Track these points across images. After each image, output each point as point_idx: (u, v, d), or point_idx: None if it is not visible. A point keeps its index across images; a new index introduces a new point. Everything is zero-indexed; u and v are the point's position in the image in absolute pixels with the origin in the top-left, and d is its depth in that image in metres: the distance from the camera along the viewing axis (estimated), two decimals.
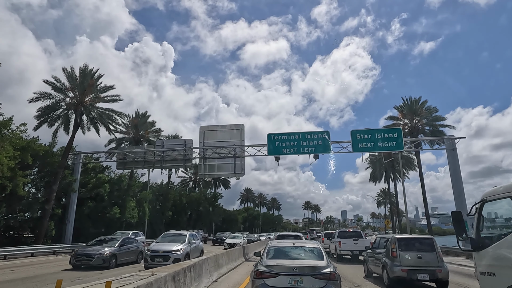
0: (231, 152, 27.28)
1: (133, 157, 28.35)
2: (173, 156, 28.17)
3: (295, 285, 6.36)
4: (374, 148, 24.87)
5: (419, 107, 34.66)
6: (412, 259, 10.03)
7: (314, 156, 24.88)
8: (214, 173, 28.30)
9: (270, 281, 6.40)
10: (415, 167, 46.62)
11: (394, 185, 47.97)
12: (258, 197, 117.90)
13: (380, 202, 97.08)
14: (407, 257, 10.09)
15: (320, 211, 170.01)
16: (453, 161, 25.39)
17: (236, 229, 75.54)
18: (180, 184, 62.18)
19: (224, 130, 28.03)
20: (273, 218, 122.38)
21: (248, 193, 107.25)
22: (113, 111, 27.91)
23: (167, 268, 7.26)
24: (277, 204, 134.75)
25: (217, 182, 69.92)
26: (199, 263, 9.02)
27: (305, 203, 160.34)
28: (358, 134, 25.10)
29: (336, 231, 24.68)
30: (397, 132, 24.96)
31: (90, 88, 26.33)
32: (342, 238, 20.53)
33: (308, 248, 7.69)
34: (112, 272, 13.01)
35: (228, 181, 73.17)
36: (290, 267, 6.53)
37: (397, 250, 10.33)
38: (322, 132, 25.51)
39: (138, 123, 39.63)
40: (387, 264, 10.56)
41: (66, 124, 26.39)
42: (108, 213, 30.77)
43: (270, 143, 25.80)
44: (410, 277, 9.77)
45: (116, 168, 29.41)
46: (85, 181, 30.16)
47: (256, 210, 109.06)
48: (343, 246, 20.16)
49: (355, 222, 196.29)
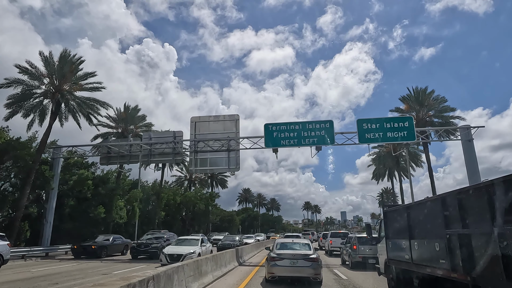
0: (225, 145, 24.85)
1: (118, 151, 25.84)
2: (161, 149, 25.71)
3: (293, 264, 10.20)
4: (382, 138, 22.41)
5: (426, 97, 32.23)
6: (365, 250, 15.11)
7: (317, 148, 22.41)
8: (206, 168, 25.76)
9: (279, 262, 10.26)
10: (421, 163, 44.29)
11: (399, 183, 45.51)
12: (257, 197, 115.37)
13: (381, 202, 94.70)
14: (362, 248, 15.21)
15: (320, 211, 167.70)
16: (470, 153, 22.94)
17: (234, 230, 73.10)
18: (175, 183, 59.63)
19: (217, 121, 25.57)
20: (273, 219, 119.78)
21: (247, 193, 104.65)
22: (96, 100, 25.45)
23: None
24: (277, 205, 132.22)
25: (213, 181, 67.35)
26: (166, 274, 6.56)
27: (305, 204, 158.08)
28: (365, 124, 22.65)
29: (329, 232, 30.02)
30: (408, 120, 22.53)
31: (69, 75, 23.86)
32: (333, 238, 25.13)
33: (301, 243, 11.66)
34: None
35: (226, 180, 70.65)
36: (291, 254, 10.45)
37: (357, 244, 15.50)
38: (325, 122, 23.06)
39: (128, 117, 37.24)
40: (350, 254, 15.89)
41: (42, 114, 23.92)
42: (91, 212, 28.25)
43: (267, 134, 23.35)
44: (364, 261, 14.84)
45: (100, 163, 26.93)
46: (66, 178, 27.66)
47: (255, 211, 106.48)
48: (333, 243, 24.52)
49: (355, 223, 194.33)
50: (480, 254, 4.65)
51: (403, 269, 7.85)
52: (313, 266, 10.14)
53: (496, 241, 4.18)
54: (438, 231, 5.76)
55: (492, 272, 4.35)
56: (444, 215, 5.60)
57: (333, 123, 22.99)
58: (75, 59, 24.57)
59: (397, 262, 8.19)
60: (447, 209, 5.56)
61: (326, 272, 14.22)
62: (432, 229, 6.12)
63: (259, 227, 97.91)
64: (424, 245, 6.49)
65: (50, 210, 25.22)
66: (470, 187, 5.20)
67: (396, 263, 8.32)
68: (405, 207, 7.86)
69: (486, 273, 4.50)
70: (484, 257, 4.52)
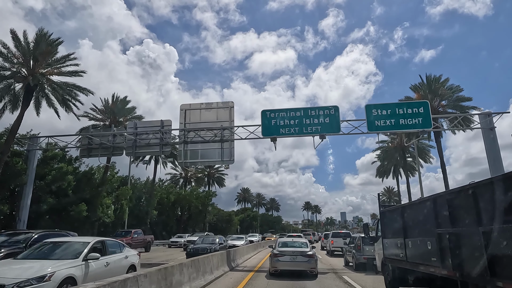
0: (218, 135, 22.33)
1: (100, 141, 23.30)
2: (148, 140, 23.18)
3: (293, 260, 12.15)
4: (394, 126, 19.84)
5: (440, 86, 29.71)
6: (370, 250, 13.59)
7: (321, 136, 19.85)
8: (197, 161, 23.14)
9: (281, 258, 12.24)
10: (429, 159, 41.80)
11: (406, 180, 42.96)
12: (256, 197, 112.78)
13: (384, 201, 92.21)
14: (367, 249, 14.04)
15: (320, 212, 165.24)
16: (492, 143, 20.38)
17: (232, 231, 70.64)
18: (170, 181, 57.07)
19: (209, 109, 23.03)
20: (272, 219, 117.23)
21: (246, 193, 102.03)
22: (76, 86, 22.93)
23: None
24: (276, 205, 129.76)
25: (210, 179, 64.78)
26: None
27: (305, 204, 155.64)
28: (374, 110, 20.11)
29: (330, 232, 29.44)
30: (423, 105, 19.98)
31: (44, 57, 21.35)
32: (335, 238, 24.66)
33: (300, 242, 13.72)
34: None
35: (223, 179, 68.10)
36: (291, 251, 12.44)
37: (361, 245, 14.60)
38: (330, 108, 20.50)
39: (116, 109, 34.74)
40: (354, 254, 14.98)
41: (15, 100, 21.42)
42: (72, 210, 25.74)
43: (265, 121, 20.82)
44: (369, 262, 13.39)
45: (79, 155, 24.35)
46: (44, 173, 25.12)
47: (254, 211, 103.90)
48: (334, 243, 24.08)
49: (356, 223, 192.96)
50: (467, 252, 4.89)
51: (399, 267, 8.04)
52: (310, 261, 12.14)
53: (481, 240, 4.41)
54: (430, 230, 5.94)
55: (477, 269, 4.55)
56: (435, 215, 5.82)
57: (338, 109, 20.45)
58: (51, 40, 22.08)
59: (393, 260, 8.35)
60: (438, 209, 5.77)
61: (335, 279, 11.81)
62: (424, 228, 6.31)
63: (259, 227, 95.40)
64: (417, 244, 6.65)
65: (24, 208, 22.61)
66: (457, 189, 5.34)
67: (392, 261, 8.46)
68: (400, 207, 8.04)
69: (472, 270, 4.69)
70: (471, 255, 4.75)
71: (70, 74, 22.25)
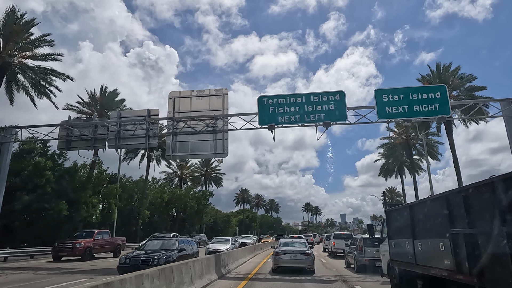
0: (210, 125, 20.08)
1: (79, 133, 21.02)
2: (132, 131, 20.93)
3: (293, 258, 13.69)
4: (408, 113, 17.52)
5: (450, 75, 27.54)
6: (372, 252, 13.87)
7: (325, 124, 17.54)
8: (187, 154, 20.86)
9: (282, 256, 13.74)
10: (437, 155, 39.57)
11: (413, 178, 40.68)
12: (255, 198, 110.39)
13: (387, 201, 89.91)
14: (369, 251, 14.12)
15: (320, 213, 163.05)
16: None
17: (230, 232, 68.33)
18: (164, 180, 54.75)
19: (201, 96, 20.77)
20: (272, 220, 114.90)
21: (244, 194, 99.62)
22: (52, 71, 20.70)
23: None
24: (276, 206, 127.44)
25: (207, 179, 62.45)
26: None
27: (305, 205, 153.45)
28: (385, 95, 17.82)
29: (332, 233, 29.31)
30: (440, 90, 17.71)
31: (15, 37, 19.13)
32: (336, 239, 24.55)
33: (299, 242, 15.40)
34: None
35: (221, 178, 65.84)
36: (291, 250, 14.06)
37: (363, 246, 14.48)
38: (335, 93, 18.22)
39: (104, 101, 32.53)
40: (356, 256, 14.88)
41: None
42: (52, 209, 23.45)
43: (262, 109, 18.56)
44: (371, 264, 13.69)
45: (57, 148, 21.97)
46: (19, 168, 22.86)
47: (253, 212, 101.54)
48: (336, 245, 23.89)
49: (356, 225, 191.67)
50: (487, 255, 4.43)
51: (406, 270, 7.59)
52: (307, 259, 13.76)
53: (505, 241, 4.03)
54: (443, 231, 5.51)
55: (500, 275, 4.17)
56: (449, 213, 5.36)
57: (344, 94, 18.19)
58: (24, 20, 19.86)
59: (400, 263, 7.90)
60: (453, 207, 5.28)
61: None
62: (436, 228, 5.84)
63: (258, 229, 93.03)
64: (428, 245, 6.25)
65: None
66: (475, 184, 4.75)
67: (399, 264, 8.01)
68: (409, 206, 7.49)
69: (494, 275, 4.32)
70: (492, 258, 4.32)
71: (45, 58, 20.02)
